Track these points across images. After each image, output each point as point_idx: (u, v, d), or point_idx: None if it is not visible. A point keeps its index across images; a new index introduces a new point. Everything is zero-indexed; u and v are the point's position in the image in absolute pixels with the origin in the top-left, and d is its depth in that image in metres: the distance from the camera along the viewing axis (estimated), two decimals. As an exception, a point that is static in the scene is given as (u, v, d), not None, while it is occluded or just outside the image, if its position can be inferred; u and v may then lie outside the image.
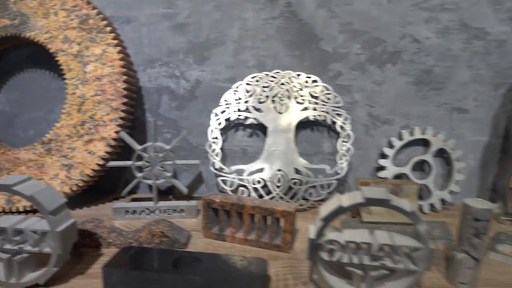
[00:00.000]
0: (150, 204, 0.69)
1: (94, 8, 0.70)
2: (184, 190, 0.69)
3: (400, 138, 0.75)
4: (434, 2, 0.70)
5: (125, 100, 0.69)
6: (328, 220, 0.42)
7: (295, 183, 0.73)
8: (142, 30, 0.76)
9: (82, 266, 0.52)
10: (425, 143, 0.75)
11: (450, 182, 0.74)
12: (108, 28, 0.69)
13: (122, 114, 0.68)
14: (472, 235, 0.48)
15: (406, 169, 0.75)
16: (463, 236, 0.48)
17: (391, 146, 0.75)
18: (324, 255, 0.44)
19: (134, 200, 0.75)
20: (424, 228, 0.41)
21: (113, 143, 0.68)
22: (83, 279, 0.49)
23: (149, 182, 0.68)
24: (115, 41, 0.69)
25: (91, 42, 0.69)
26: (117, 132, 0.68)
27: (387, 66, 0.73)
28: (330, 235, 0.44)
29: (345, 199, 0.43)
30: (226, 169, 0.74)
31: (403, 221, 0.63)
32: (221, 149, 0.77)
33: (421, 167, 0.76)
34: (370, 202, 0.41)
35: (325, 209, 0.43)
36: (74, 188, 0.69)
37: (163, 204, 0.69)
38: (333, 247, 0.43)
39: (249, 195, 0.73)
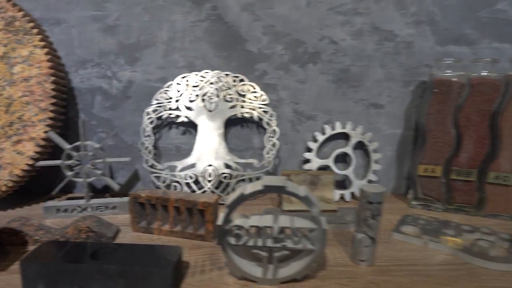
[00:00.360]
0: (81, 202, 0.70)
1: (20, 10, 0.70)
2: (116, 187, 0.71)
3: (323, 132, 0.81)
4: (348, 6, 0.76)
5: (54, 100, 0.70)
6: (232, 207, 0.47)
7: (225, 177, 0.77)
8: (72, 32, 0.77)
9: (6, 263, 0.53)
10: (346, 136, 0.81)
11: (368, 172, 0.81)
12: (35, 30, 0.70)
13: (51, 115, 0.70)
14: (368, 217, 0.53)
15: (329, 161, 0.81)
16: (360, 218, 0.54)
17: (315, 140, 0.81)
18: (232, 240, 0.48)
19: (69, 199, 0.77)
20: (317, 211, 0.47)
21: (42, 143, 0.69)
22: (5, 275, 0.50)
23: (80, 180, 0.70)
24: (43, 43, 0.70)
25: (17, 44, 0.70)
26: (46, 132, 0.69)
27: (309, 65, 0.79)
28: (237, 221, 0.48)
29: (248, 187, 0.47)
30: (159, 166, 0.77)
31: (320, 209, 0.69)
32: (156, 147, 0.80)
33: (344, 159, 0.83)
34: (268, 189, 0.46)
35: (231, 197, 0.48)
36: (4, 188, 0.69)
37: (95, 201, 0.71)
38: (239, 232, 0.48)
39: (181, 191, 0.76)
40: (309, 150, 0.81)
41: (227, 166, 0.78)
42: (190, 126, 0.80)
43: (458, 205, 0.75)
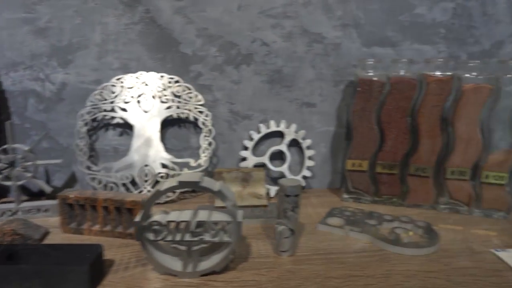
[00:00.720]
0: (11, 205, 0.69)
1: None
2: (48, 189, 0.71)
3: (258, 131, 0.84)
4: (278, 10, 0.79)
5: (-20, 104, 0.69)
6: (149, 203, 0.48)
7: (162, 177, 0.78)
8: (2, 34, 0.76)
9: None
10: (281, 134, 0.85)
11: (303, 168, 0.85)
12: (-41, 32, 0.68)
13: (-22, 118, 0.68)
14: (287, 209, 0.56)
15: (265, 159, 0.84)
16: (280, 211, 0.57)
17: (251, 139, 0.83)
18: (150, 236, 0.49)
19: (3, 203, 0.75)
20: (231, 204, 0.49)
21: (-32, 147, 0.68)
22: None
23: (9, 183, 0.69)
24: (-33, 45, 0.68)
25: None
26: (-29, 136, 0.68)
27: (242, 67, 0.81)
28: (155, 217, 0.50)
29: (164, 184, 0.49)
30: (94, 167, 0.77)
31: (252, 204, 0.72)
32: (93, 148, 0.80)
33: (280, 156, 0.86)
34: (183, 185, 0.48)
35: (149, 194, 0.49)
36: None
37: (26, 204, 0.70)
38: (158, 228, 0.49)
39: (118, 191, 0.77)
40: (245, 148, 0.84)
41: (164, 166, 0.79)
42: (127, 127, 0.81)
43: (384, 197, 0.80)
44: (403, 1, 0.80)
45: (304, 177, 0.85)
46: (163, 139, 0.82)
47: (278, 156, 0.86)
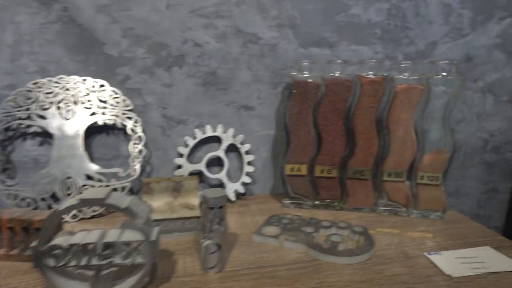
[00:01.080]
0: None
1: None
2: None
3: (194, 137, 0.79)
4: (209, 9, 0.75)
5: None
6: (47, 225, 0.43)
7: (87, 189, 0.71)
8: None
9: None
10: (218, 140, 0.81)
11: (242, 175, 0.81)
12: None
13: None
14: (211, 222, 0.52)
15: (201, 166, 0.79)
16: (205, 224, 0.53)
17: (186, 145, 0.79)
18: (51, 262, 0.44)
19: None
20: (141, 222, 0.44)
21: None
22: None
23: None
24: None
25: None
26: None
27: (174, 69, 0.76)
28: (56, 240, 0.44)
29: (64, 203, 0.43)
30: (9, 182, 0.70)
31: (183, 215, 0.67)
32: (9, 160, 0.73)
33: (220, 162, 0.82)
34: (85, 203, 0.43)
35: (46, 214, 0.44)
36: None
37: None
38: (59, 252, 0.44)
39: (36, 208, 0.70)
40: (180, 155, 0.79)
41: (89, 177, 0.73)
42: (48, 136, 0.74)
43: (325, 201, 0.78)
44: (338, 1, 0.79)
45: (244, 184, 0.81)
46: (89, 148, 0.76)
47: (216, 163, 0.82)
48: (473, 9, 0.85)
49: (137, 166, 0.74)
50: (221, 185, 0.82)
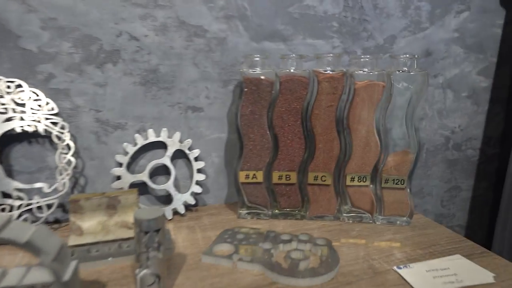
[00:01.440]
0: None
1: None
2: None
3: (134, 143, 0.69)
4: (147, -3, 0.65)
5: None
6: None
7: (3, 209, 0.60)
8: None
9: None
10: (164, 145, 0.71)
11: (192, 184, 0.72)
12: None
13: None
14: (147, 249, 0.43)
15: (144, 176, 0.70)
16: (139, 251, 0.44)
17: (125, 152, 0.69)
18: None
19: None
20: (49, 260, 0.34)
21: None
22: None
23: None
24: None
25: None
26: None
27: (108, 66, 0.66)
28: None
29: None
30: None
31: (119, 237, 0.57)
32: None
33: (166, 171, 0.72)
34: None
35: None
36: None
37: None
38: None
39: None
40: (119, 165, 0.69)
41: (6, 195, 0.61)
42: (-48, 149, 0.61)
43: (284, 210, 0.71)
44: (291, -10, 0.72)
45: (195, 194, 0.73)
46: (7, 160, 0.64)
47: (162, 171, 0.73)
48: (430, 1, 0.82)
49: (66, 180, 0.63)
50: (168, 196, 0.72)
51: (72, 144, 0.64)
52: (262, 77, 0.64)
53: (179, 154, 0.73)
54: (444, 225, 0.69)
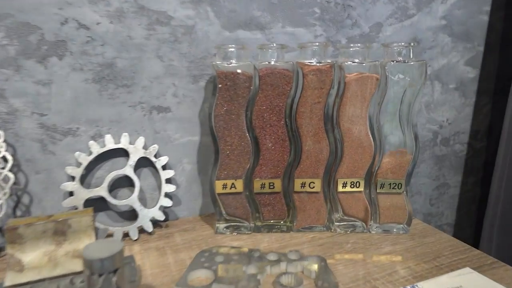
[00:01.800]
0: None
1: None
2: None
3: (89, 152, 0.58)
4: (97, -23, 0.54)
5: None
6: None
7: None
8: None
9: None
10: (125, 153, 0.61)
11: (160, 196, 0.62)
12: None
13: None
14: (103, 294, 0.33)
15: (102, 190, 0.59)
16: (92, 297, 0.34)
17: (78, 163, 0.58)
18: None
19: None
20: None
21: None
22: None
23: None
24: None
25: None
26: None
27: (52, 60, 0.55)
28: None
29: None
30: None
31: (71, 270, 0.47)
32: None
33: (129, 182, 0.62)
34: None
35: None
36: None
37: None
38: None
39: None
40: (71, 178, 0.58)
41: None
42: None
43: (268, 222, 0.62)
44: (268, -29, 0.63)
45: (164, 208, 0.63)
46: None
47: (124, 183, 0.62)
48: (417, -15, 0.75)
49: (2, 200, 0.52)
50: (132, 212, 0.62)
51: (9, 157, 0.52)
52: (239, 71, 0.55)
53: (144, 163, 0.62)
54: (434, 226, 0.63)
